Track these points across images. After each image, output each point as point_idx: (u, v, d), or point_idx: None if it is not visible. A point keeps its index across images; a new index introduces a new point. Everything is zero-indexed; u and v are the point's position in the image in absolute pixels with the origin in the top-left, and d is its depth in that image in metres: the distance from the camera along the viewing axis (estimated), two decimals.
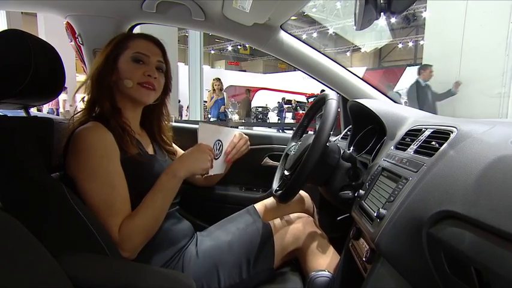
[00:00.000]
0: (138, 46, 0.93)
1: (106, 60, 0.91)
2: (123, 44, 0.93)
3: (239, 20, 1.20)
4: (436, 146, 0.63)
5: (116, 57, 0.92)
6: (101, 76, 0.91)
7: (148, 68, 0.92)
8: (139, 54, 0.92)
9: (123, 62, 0.92)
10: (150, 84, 0.92)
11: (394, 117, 0.89)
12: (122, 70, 0.91)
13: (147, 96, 0.93)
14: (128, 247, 0.79)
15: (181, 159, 0.89)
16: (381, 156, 0.84)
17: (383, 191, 0.70)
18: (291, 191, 0.92)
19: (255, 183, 1.47)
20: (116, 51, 0.92)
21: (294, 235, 1.02)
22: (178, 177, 0.86)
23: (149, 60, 0.93)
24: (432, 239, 0.49)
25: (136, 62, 0.92)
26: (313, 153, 0.83)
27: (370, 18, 0.66)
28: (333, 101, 0.91)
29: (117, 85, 0.92)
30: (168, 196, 0.86)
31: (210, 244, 0.98)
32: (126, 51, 0.92)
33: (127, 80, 0.90)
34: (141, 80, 0.91)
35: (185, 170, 0.87)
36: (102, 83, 0.91)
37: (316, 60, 1.31)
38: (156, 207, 0.83)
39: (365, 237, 0.77)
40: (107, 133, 0.83)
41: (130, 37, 0.95)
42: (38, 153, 0.77)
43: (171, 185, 0.86)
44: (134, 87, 0.91)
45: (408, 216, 0.57)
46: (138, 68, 0.91)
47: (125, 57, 0.92)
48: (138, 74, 0.91)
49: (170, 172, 0.87)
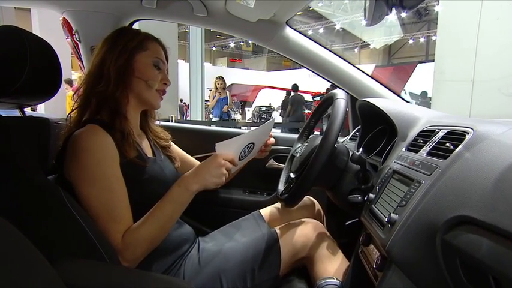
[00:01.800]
0: (157, 51, 0.96)
1: (128, 57, 0.90)
2: (142, 44, 0.93)
3: (243, 15, 1.20)
4: (451, 148, 0.62)
5: (135, 54, 0.92)
6: (123, 72, 0.90)
7: (164, 76, 0.97)
8: (160, 61, 0.95)
9: (142, 64, 0.92)
10: (164, 92, 0.98)
11: (406, 117, 0.89)
12: (142, 70, 0.92)
13: (159, 103, 0.98)
14: (129, 257, 0.79)
15: (196, 173, 0.86)
16: (391, 158, 0.84)
17: (394, 195, 0.70)
18: (297, 194, 0.92)
19: (259, 186, 1.47)
20: (136, 49, 0.92)
21: (302, 242, 1.02)
22: (191, 191, 0.85)
23: (163, 66, 0.97)
24: (447, 246, 0.49)
25: (157, 68, 0.94)
26: (321, 155, 0.83)
27: (381, 14, 0.66)
28: (341, 100, 0.91)
29: (133, 84, 0.92)
30: (178, 209, 0.85)
31: (212, 250, 0.98)
32: (146, 52, 0.93)
33: (152, 81, 0.93)
34: (160, 88, 0.96)
35: (199, 185, 0.85)
36: (125, 79, 0.90)
37: (324, 57, 1.31)
38: (164, 218, 0.83)
39: (375, 244, 0.77)
40: (106, 136, 0.83)
41: (149, 38, 0.96)
42: (34, 155, 0.77)
43: (182, 198, 0.85)
44: (153, 93, 0.95)
45: (421, 222, 0.56)
46: (158, 74, 0.94)
47: (145, 60, 0.92)
48: (158, 80, 0.94)
49: (183, 185, 0.85)
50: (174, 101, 5.71)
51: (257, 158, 1.10)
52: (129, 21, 1.28)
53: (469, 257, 0.44)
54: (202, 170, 0.86)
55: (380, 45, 17.55)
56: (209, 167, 0.86)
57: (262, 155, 1.11)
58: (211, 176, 0.86)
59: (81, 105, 0.91)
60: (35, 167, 0.73)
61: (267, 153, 1.12)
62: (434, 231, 0.51)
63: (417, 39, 18.11)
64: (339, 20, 15.91)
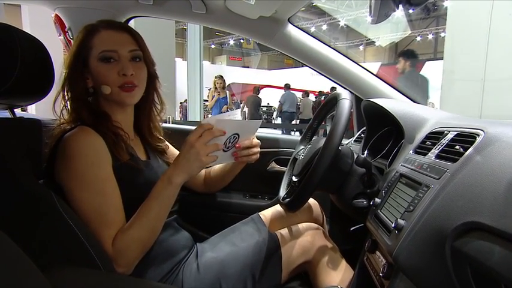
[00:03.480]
0: (102, 42, 0.88)
1: (74, 67, 0.89)
2: (87, 43, 0.89)
3: (243, 12, 1.20)
4: (461, 151, 0.62)
5: (84, 60, 0.89)
6: (72, 85, 0.89)
7: (121, 65, 0.88)
8: (106, 53, 0.88)
9: (93, 65, 0.89)
10: (129, 83, 0.89)
11: (413, 118, 0.89)
12: (95, 74, 0.89)
13: (130, 98, 0.91)
14: (123, 262, 0.79)
15: (175, 163, 0.84)
16: (398, 161, 0.84)
17: (401, 200, 0.70)
18: (300, 198, 0.92)
19: (260, 189, 1.47)
20: (83, 53, 0.89)
21: (303, 247, 1.02)
22: (175, 183, 0.82)
23: (119, 54, 0.89)
24: (457, 253, 0.49)
25: (106, 61, 0.88)
26: (324, 158, 0.83)
27: (388, 11, 0.66)
28: (345, 100, 0.91)
29: (97, 90, 0.91)
30: (165, 204, 0.84)
31: (211, 256, 0.98)
32: (92, 51, 0.88)
33: (104, 86, 0.88)
34: (120, 83, 0.88)
35: (181, 175, 0.82)
36: (74, 92, 0.89)
37: (327, 56, 1.31)
38: (152, 217, 0.82)
39: (381, 250, 0.77)
40: (97, 138, 0.83)
41: (92, 33, 0.89)
42: (25, 158, 0.77)
43: (167, 192, 0.83)
44: (115, 92, 0.88)
45: (430, 228, 0.56)
46: (110, 68, 0.88)
47: (93, 59, 0.88)
48: (113, 77, 0.87)
49: (165, 178, 0.83)
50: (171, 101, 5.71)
51: (247, 162, 1.03)
52: (125, 18, 1.28)
53: (480, 265, 0.44)
54: (179, 158, 0.83)
55: (386, 43, 17.55)
56: (184, 153, 0.82)
57: (251, 158, 1.00)
58: (188, 161, 0.81)
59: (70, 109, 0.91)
60: (25, 171, 0.73)
61: (257, 157, 1.02)
62: (444, 237, 0.51)
63: (425, 36, 18.12)
64: (343, 16, 15.94)
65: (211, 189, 1.26)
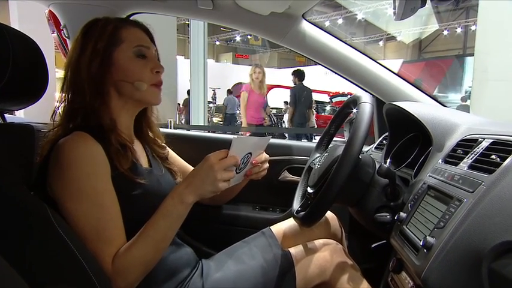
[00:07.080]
0: (136, 37, 0.92)
1: (102, 58, 0.88)
2: (117, 36, 0.90)
3: (254, 8, 1.21)
4: (497, 161, 0.62)
5: (110, 53, 0.89)
6: (99, 79, 0.88)
7: (153, 63, 0.93)
8: (142, 48, 0.91)
9: (123, 59, 0.89)
10: (160, 82, 0.94)
11: (442, 123, 0.89)
12: (123, 69, 0.89)
13: (159, 98, 0.95)
14: (123, 283, 0.79)
15: (189, 181, 0.83)
16: (425, 171, 0.83)
17: (430, 215, 0.70)
18: (316, 212, 0.91)
19: (271, 201, 1.47)
20: (109, 47, 0.89)
21: (320, 266, 1.01)
22: (186, 203, 0.82)
23: (150, 52, 0.93)
24: (495, 276, 0.48)
25: (141, 57, 0.91)
26: (344, 167, 0.83)
27: (414, 6, 0.66)
28: (367, 104, 0.91)
29: (118, 88, 0.91)
30: (174, 224, 0.84)
31: (218, 275, 0.98)
32: (123, 44, 0.90)
33: (139, 82, 0.90)
34: (153, 81, 0.92)
35: (193, 195, 0.82)
36: (102, 89, 0.89)
37: (346, 55, 1.31)
38: (158, 236, 0.82)
39: (408, 271, 0.76)
40: (95, 146, 0.83)
41: (122, 26, 0.91)
42: (16, 167, 0.78)
43: (177, 211, 0.82)
44: (147, 90, 0.92)
45: (464, 247, 0.56)
46: (144, 65, 0.91)
47: (124, 53, 0.89)
48: (147, 73, 0.91)
49: (176, 196, 0.83)
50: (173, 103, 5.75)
51: (254, 179, 1.04)
52: (125, 14, 1.30)
53: None
54: (195, 178, 0.83)
55: (409, 39, 17.45)
56: (200, 173, 0.82)
57: (259, 175, 1.02)
58: (204, 183, 0.81)
59: (66, 114, 0.90)
60: (16, 181, 0.74)
61: (265, 173, 1.03)
62: (479, 258, 0.51)
63: (453, 29, 17.99)
64: (361, 9, 15.93)
65: (217, 202, 1.26)
